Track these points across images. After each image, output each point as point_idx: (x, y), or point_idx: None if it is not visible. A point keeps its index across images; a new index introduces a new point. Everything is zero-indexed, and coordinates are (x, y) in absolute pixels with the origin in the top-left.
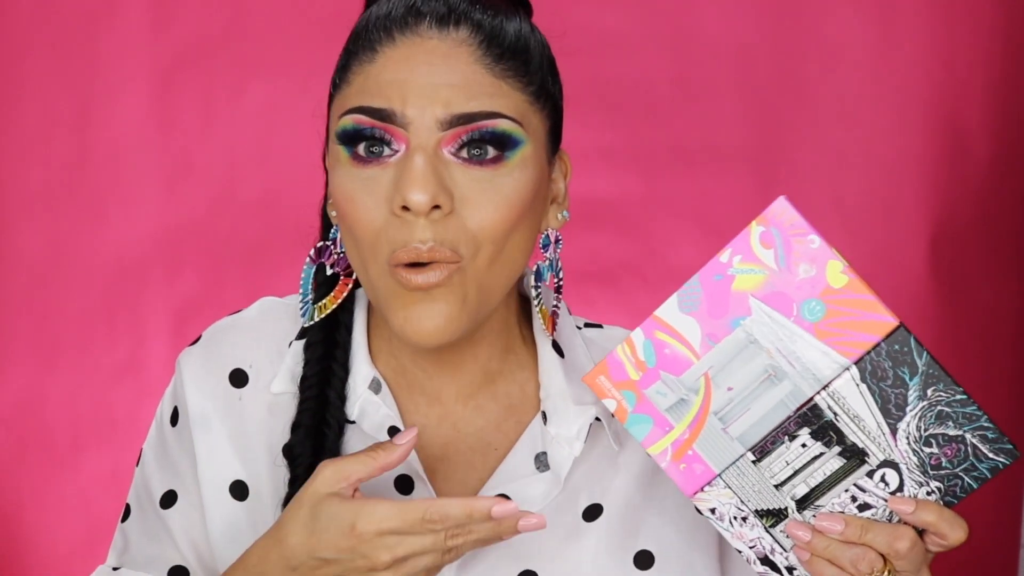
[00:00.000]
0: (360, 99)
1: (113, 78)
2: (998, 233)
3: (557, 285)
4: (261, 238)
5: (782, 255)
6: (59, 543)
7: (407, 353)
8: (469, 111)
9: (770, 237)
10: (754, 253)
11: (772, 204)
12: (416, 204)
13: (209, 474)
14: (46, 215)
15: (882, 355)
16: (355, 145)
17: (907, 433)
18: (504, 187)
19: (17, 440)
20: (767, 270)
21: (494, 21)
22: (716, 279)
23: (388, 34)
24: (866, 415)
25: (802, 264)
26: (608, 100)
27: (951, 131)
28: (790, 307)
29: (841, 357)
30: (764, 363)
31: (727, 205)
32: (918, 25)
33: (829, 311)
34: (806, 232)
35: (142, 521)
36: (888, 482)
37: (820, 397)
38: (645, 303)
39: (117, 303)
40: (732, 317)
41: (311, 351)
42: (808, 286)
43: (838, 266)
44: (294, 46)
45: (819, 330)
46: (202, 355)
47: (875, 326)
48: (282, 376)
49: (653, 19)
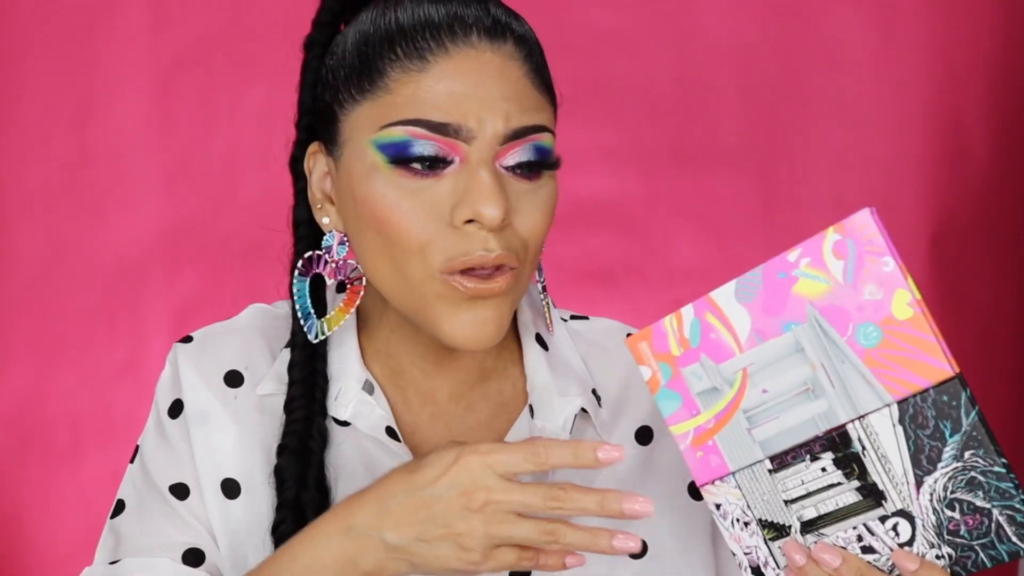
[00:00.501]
0: (414, 111)
1: (113, 78)
2: (998, 233)
3: (543, 285)
4: (261, 238)
5: (852, 270)
6: (59, 543)
7: (406, 354)
8: (524, 125)
9: (844, 248)
10: (824, 260)
11: (855, 214)
12: (491, 219)
13: (204, 470)
14: (46, 215)
15: (928, 402)
16: (405, 157)
17: (932, 490)
18: (544, 197)
19: (17, 440)
20: (832, 281)
21: (525, 31)
22: (779, 276)
23: (439, 43)
24: (895, 458)
25: (869, 284)
26: (608, 100)
27: (951, 131)
28: (846, 326)
29: (885, 392)
30: (805, 375)
31: (727, 205)
32: (918, 25)
33: (885, 340)
34: (882, 252)
35: (140, 515)
36: (900, 533)
37: (853, 426)
38: (645, 303)
39: (117, 303)
40: (785, 319)
41: (294, 372)
42: (870, 309)
43: (906, 297)
44: (294, 46)
45: (870, 357)
46: (198, 354)
47: (929, 370)
48: (269, 379)
49: (654, 19)
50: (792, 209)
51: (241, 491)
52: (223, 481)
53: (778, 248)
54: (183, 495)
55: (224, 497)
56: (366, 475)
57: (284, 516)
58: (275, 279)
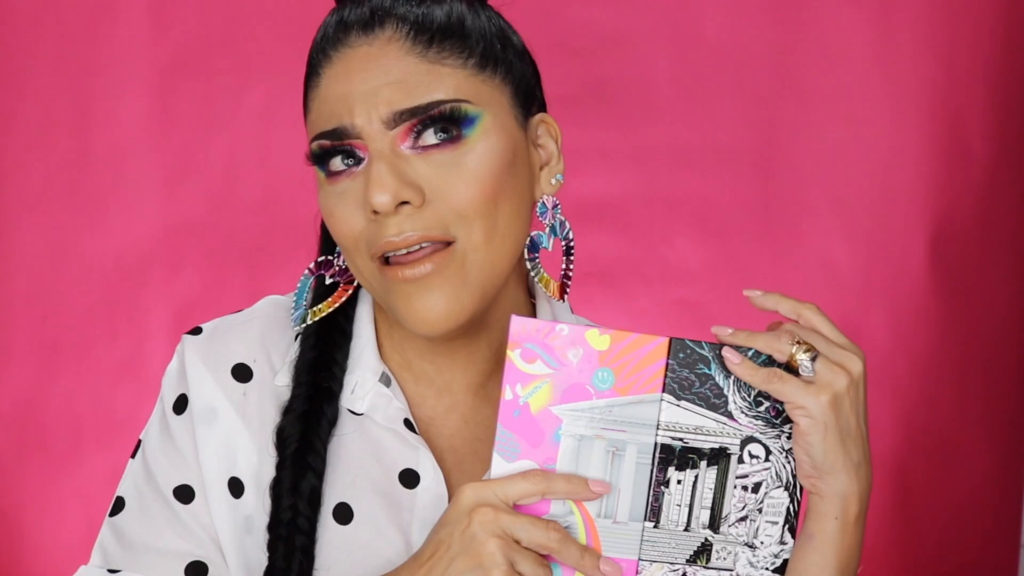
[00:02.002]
0: (316, 125)
1: (113, 78)
2: (998, 233)
3: (567, 247)
4: (261, 238)
5: (549, 358)
6: (59, 543)
7: (414, 348)
8: (410, 106)
9: (529, 352)
10: (527, 373)
11: (510, 327)
12: (380, 206)
13: (210, 469)
14: (46, 215)
15: (676, 370)
16: (325, 165)
17: (739, 408)
18: (470, 162)
19: (17, 440)
20: (547, 378)
21: (417, 10)
22: (516, 416)
23: (324, 55)
24: (701, 421)
25: (568, 352)
26: (608, 100)
27: (951, 131)
28: (586, 391)
29: (650, 395)
30: (602, 448)
31: (727, 205)
32: (918, 25)
33: (615, 370)
34: (551, 328)
35: (142, 514)
36: (756, 454)
37: (660, 437)
38: (645, 303)
39: (117, 303)
40: (550, 434)
41: (305, 342)
42: (586, 364)
43: (594, 333)
44: (294, 47)
45: (619, 389)
46: (206, 348)
47: (654, 354)
48: (286, 369)
49: (653, 19)
50: (792, 209)
51: (246, 488)
52: (231, 479)
53: (778, 248)
54: (187, 498)
55: (232, 496)
56: (375, 465)
57: (283, 475)
58: (275, 278)
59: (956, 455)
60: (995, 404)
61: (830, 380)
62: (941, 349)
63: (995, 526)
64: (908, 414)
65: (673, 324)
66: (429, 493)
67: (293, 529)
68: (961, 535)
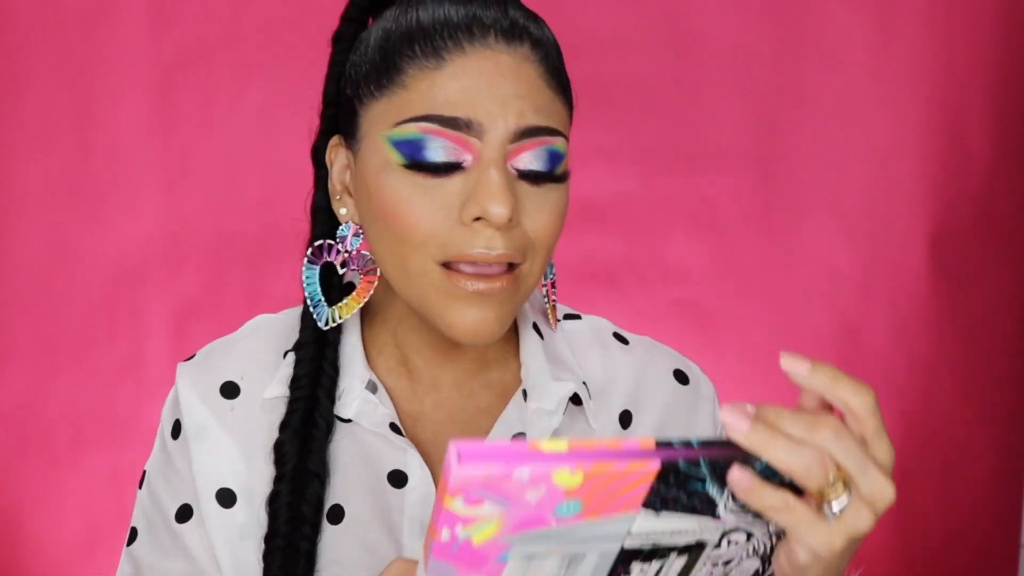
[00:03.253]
0: (427, 107)
1: (113, 78)
2: (998, 233)
3: (552, 281)
4: (261, 238)
5: (499, 499)
6: (59, 543)
7: (412, 344)
8: (537, 124)
9: (473, 497)
10: (468, 516)
11: (451, 474)
12: (498, 217)
13: (201, 482)
14: (46, 215)
15: (662, 492)
16: (418, 153)
17: (729, 509)
18: (554, 199)
19: (17, 440)
20: (496, 515)
21: (544, 35)
22: (454, 550)
23: (456, 42)
24: (681, 525)
25: (527, 492)
26: (608, 100)
27: (951, 131)
28: (546, 519)
29: (626, 515)
30: (556, 560)
31: (727, 205)
32: (918, 25)
33: (586, 501)
34: (507, 475)
35: (153, 540)
36: (736, 541)
37: (628, 542)
38: (645, 303)
39: (117, 303)
40: (496, 556)
41: (303, 351)
42: (548, 500)
43: (565, 471)
44: (294, 46)
45: (588, 514)
46: (195, 369)
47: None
48: (276, 383)
49: (653, 19)
50: (791, 209)
51: (237, 499)
52: (219, 491)
53: (778, 248)
54: (186, 518)
55: (220, 507)
56: (364, 468)
57: (282, 488)
58: (275, 278)
59: (956, 455)
60: (995, 404)
61: (853, 523)
62: (941, 349)
63: (995, 526)
64: (908, 414)
65: (673, 324)
66: (417, 492)
67: (297, 538)
68: (961, 535)
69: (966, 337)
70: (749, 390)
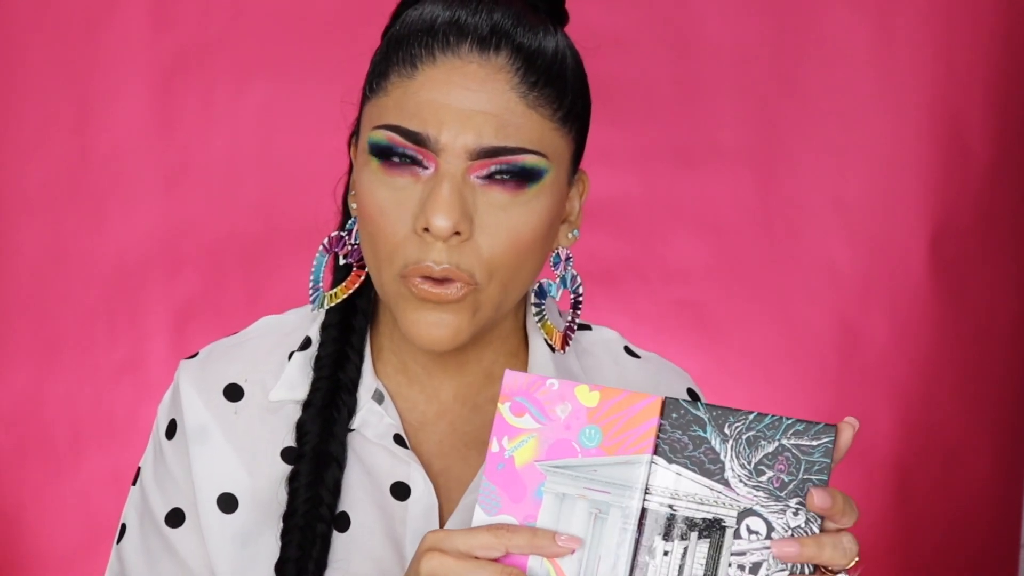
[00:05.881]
0: (396, 117)
1: (113, 78)
2: (998, 233)
3: (574, 301)
4: (261, 238)
5: (537, 412)
6: (59, 543)
7: (409, 350)
8: (497, 145)
9: (519, 406)
10: (514, 427)
11: (503, 380)
12: (438, 230)
13: (201, 486)
14: (46, 215)
15: (668, 431)
16: (385, 158)
17: (737, 476)
18: (520, 216)
19: (17, 440)
20: (534, 432)
21: (533, 42)
22: (500, 469)
23: (429, 52)
24: (695, 488)
25: (557, 407)
26: (608, 100)
27: (951, 131)
28: (572, 448)
29: (639, 456)
30: (584, 508)
31: (727, 205)
32: (918, 25)
33: (604, 428)
34: (542, 382)
35: (142, 541)
36: (756, 530)
37: (648, 503)
38: (645, 303)
39: (117, 303)
40: (533, 490)
41: (326, 333)
42: (574, 420)
43: (584, 389)
44: (294, 46)
45: (606, 448)
46: (198, 370)
47: (645, 413)
48: (281, 385)
49: (653, 19)
50: (791, 209)
51: (239, 505)
52: (220, 496)
53: (778, 248)
54: (178, 522)
55: (221, 512)
56: (367, 479)
57: (302, 467)
58: (275, 278)
59: (956, 455)
60: (995, 404)
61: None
62: (941, 349)
63: (995, 526)
64: (908, 414)
65: (673, 324)
66: (420, 504)
67: (314, 518)
68: (961, 535)
69: (966, 337)
70: (749, 390)
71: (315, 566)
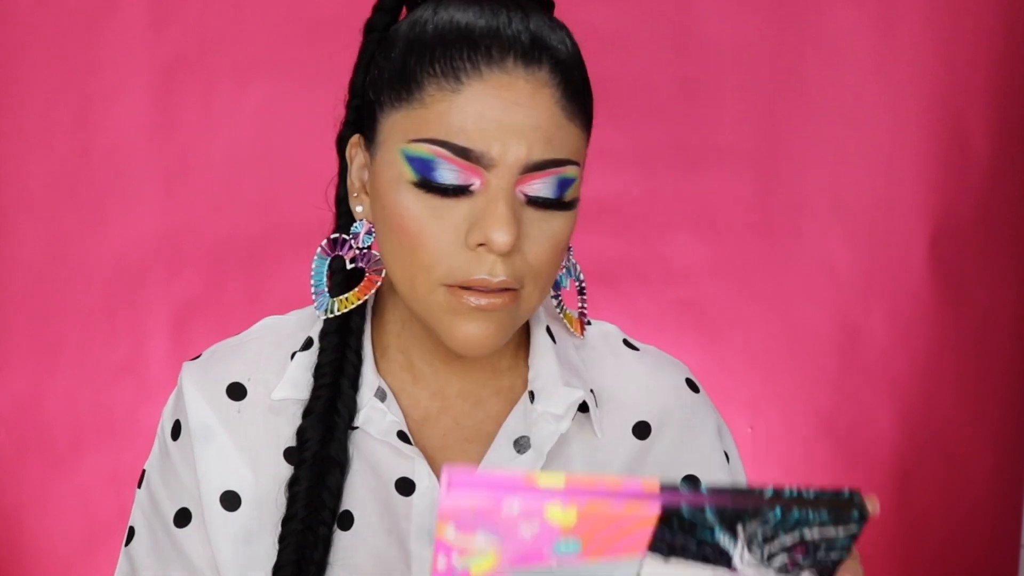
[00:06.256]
0: (440, 131)
1: (113, 78)
2: (998, 233)
3: (580, 287)
4: (261, 238)
5: (492, 530)
6: (59, 543)
7: (417, 350)
8: (547, 158)
9: (465, 526)
10: (464, 546)
11: (442, 501)
12: (500, 246)
13: (204, 485)
14: (46, 215)
15: (667, 538)
16: (429, 173)
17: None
18: (558, 223)
19: (17, 440)
20: (492, 547)
21: (563, 51)
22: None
23: (474, 65)
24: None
25: (520, 526)
26: (608, 100)
27: (951, 131)
28: (545, 556)
29: (630, 557)
30: None
31: (727, 205)
32: (918, 25)
33: (584, 542)
34: (496, 505)
35: (152, 543)
36: None
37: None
38: (645, 303)
39: (117, 303)
40: None
41: (326, 340)
42: (545, 537)
43: (557, 507)
44: (294, 46)
45: (589, 556)
46: (201, 369)
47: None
48: (284, 384)
49: (654, 19)
50: (792, 209)
51: (242, 502)
52: (223, 494)
53: (778, 248)
54: (185, 522)
55: (224, 510)
56: (372, 475)
57: (302, 473)
58: (275, 279)
59: (956, 455)
60: (995, 404)
61: None
62: (941, 349)
63: (995, 526)
64: (908, 414)
65: (673, 324)
66: (425, 499)
67: (316, 521)
68: (961, 535)
69: (966, 337)
70: (749, 390)
71: (316, 567)
